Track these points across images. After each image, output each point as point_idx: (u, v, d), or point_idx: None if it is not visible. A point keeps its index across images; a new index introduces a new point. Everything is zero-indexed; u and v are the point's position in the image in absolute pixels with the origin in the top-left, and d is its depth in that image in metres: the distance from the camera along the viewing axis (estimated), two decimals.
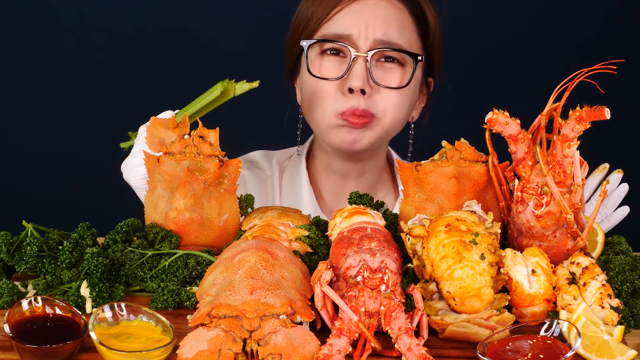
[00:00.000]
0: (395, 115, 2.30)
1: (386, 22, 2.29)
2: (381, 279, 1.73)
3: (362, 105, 2.26)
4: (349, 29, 2.28)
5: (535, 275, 1.80)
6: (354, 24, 2.28)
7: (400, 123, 2.34)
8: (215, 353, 1.60)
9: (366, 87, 2.25)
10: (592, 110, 1.82)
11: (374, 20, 2.28)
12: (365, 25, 2.27)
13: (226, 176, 2.00)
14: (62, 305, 1.74)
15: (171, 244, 1.96)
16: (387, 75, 2.29)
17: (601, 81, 1.88)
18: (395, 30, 2.29)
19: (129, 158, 2.13)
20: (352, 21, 2.28)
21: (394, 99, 2.28)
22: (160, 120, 2.02)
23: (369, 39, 2.27)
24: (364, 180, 2.45)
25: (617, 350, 1.67)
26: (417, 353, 1.62)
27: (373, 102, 2.27)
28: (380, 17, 2.29)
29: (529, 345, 1.66)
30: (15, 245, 1.95)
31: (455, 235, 1.78)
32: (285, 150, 2.57)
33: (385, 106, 2.28)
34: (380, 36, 2.27)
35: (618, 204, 2.16)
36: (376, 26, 2.27)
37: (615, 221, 2.16)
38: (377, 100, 2.27)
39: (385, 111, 2.28)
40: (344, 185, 2.45)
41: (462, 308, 1.74)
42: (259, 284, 1.69)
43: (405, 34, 2.31)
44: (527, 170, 1.90)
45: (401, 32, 2.30)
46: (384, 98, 2.27)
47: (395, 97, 2.28)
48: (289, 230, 1.96)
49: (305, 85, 2.34)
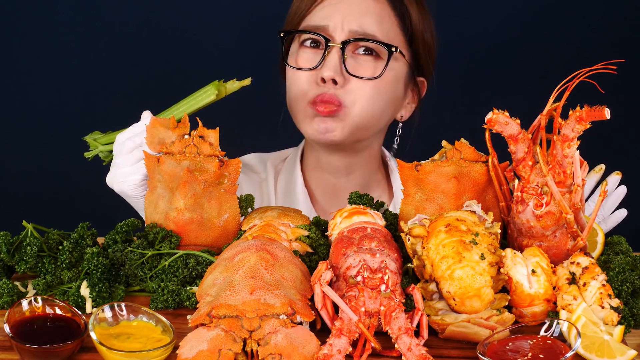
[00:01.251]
0: (366, 106, 2.28)
1: (362, 14, 2.30)
2: (381, 279, 1.73)
3: (330, 91, 2.26)
4: (325, 20, 2.30)
5: (535, 275, 1.80)
6: (330, 16, 2.30)
7: (373, 117, 2.32)
8: (215, 353, 1.60)
9: (338, 77, 2.26)
10: (592, 110, 1.82)
11: (350, 12, 2.29)
12: (342, 17, 2.29)
13: (226, 176, 2.00)
14: (62, 305, 1.74)
15: (171, 244, 1.96)
16: (361, 66, 2.29)
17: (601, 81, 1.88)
18: (371, 22, 2.29)
19: (114, 170, 2.10)
20: (329, 13, 2.30)
21: (365, 90, 2.28)
22: (160, 121, 2.02)
23: (344, 30, 2.28)
24: (354, 179, 2.44)
25: (617, 350, 1.67)
26: (417, 353, 1.62)
27: (344, 92, 2.27)
28: (357, 9, 2.30)
29: (529, 345, 1.66)
30: (15, 245, 1.95)
31: (455, 235, 1.78)
32: (279, 153, 2.57)
33: (355, 97, 2.28)
34: (355, 27, 2.28)
35: (616, 206, 2.16)
36: (352, 18, 2.29)
37: (612, 224, 2.16)
38: (348, 90, 2.27)
39: (354, 102, 2.27)
40: (334, 184, 2.44)
41: (462, 308, 1.74)
42: (259, 284, 1.69)
43: (384, 27, 2.31)
44: (527, 170, 1.90)
45: (378, 24, 2.30)
46: (355, 89, 2.27)
47: (367, 89, 2.27)
48: (289, 230, 1.96)
49: (287, 78, 2.36)
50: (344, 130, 2.29)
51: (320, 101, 2.27)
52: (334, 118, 2.28)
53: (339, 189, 2.44)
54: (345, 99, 2.27)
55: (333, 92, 2.27)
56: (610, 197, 2.15)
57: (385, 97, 2.31)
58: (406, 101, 2.41)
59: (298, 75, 2.31)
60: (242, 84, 2.15)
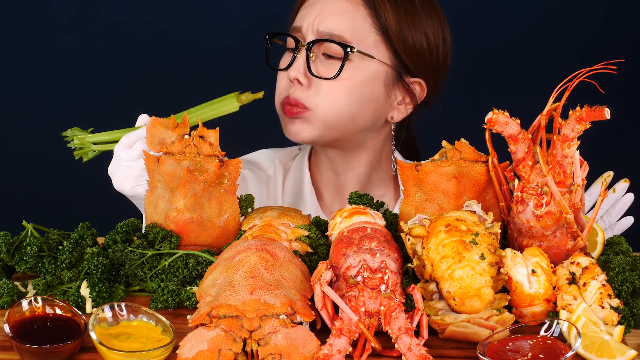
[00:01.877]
0: (331, 107, 2.30)
1: (332, 14, 2.31)
2: (381, 279, 1.73)
3: (294, 94, 2.30)
4: (300, 21, 2.34)
5: (535, 275, 1.80)
6: (304, 17, 2.33)
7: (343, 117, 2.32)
8: (215, 353, 1.60)
9: (301, 77, 2.29)
10: (592, 110, 1.82)
11: (321, 13, 2.31)
12: (313, 17, 2.31)
13: (226, 176, 2.00)
14: (62, 305, 1.74)
15: (171, 244, 1.96)
16: (326, 68, 2.31)
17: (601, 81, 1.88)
18: (340, 23, 2.30)
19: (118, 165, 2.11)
20: (305, 14, 2.34)
21: (329, 91, 2.29)
22: (160, 121, 2.02)
23: (313, 31, 2.31)
24: (356, 176, 2.44)
25: (617, 350, 1.67)
26: (417, 353, 1.62)
27: (309, 95, 2.30)
28: (327, 10, 2.32)
29: (529, 345, 1.65)
30: (15, 245, 1.95)
31: (455, 235, 1.78)
32: (290, 149, 2.58)
33: (320, 99, 2.30)
34: (322, 28, 2.30)
35: (622, 214, 2.16)
36: (321, 18, 2.31)
37: (618, 231, 2.17)
38: (314, 92, 2.30)
39: (319, 104, 2.30)
40: (337, 181, 2.46)
41: (462, 308, 1.74)
42: (259, 284, 1.69)
43: (355, 27, 2.31)
44: (527, 170, 1.90)
45: (349, 24, 2.30)
46: (321, 90, 2.30)
47: (332, 90, 2.29)
48: (289, 230, 1.96)
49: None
50: (313, 132, 2.32)
51: (287, 103, 2.32)
52: (301, 120, 2.32)
53: (342, 185, 2.45)
54: (310, 102, 2.30)
55: (298, 95, 2.30)
56: (618, 204, 2.15)
57: (355, 97, 2.31)
58: (395, 102, 2.38)
59: (279, 77, 2.37)
60: (255, 97, 2.19)
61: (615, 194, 2.14)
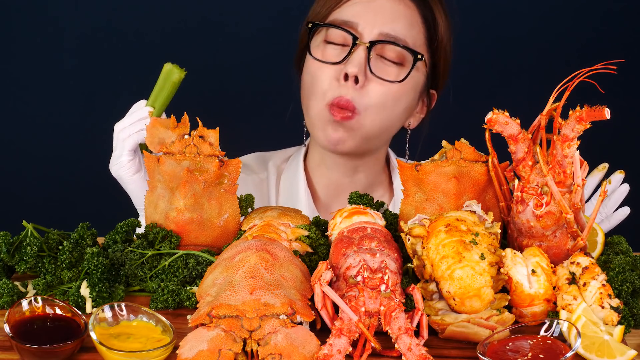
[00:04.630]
0: (378, 113, 2.25)
1: (394, 18, 2.26)
2: (381, 279, 1.73)
3: (349, 94, 2.23)
4: (356, 17, 2.26)
5: (535, 275, 1.80)
6: (361, 14, 2.26)
7: (383, 125, 2.29)
8: (215, 353, 1.60)
9: (361, 75, 2.22)
10: (592, 110, 1.82)
11: (382, 13, 2.26)
12: (373, 17, 2.25)
13: (226, 176, 2.00)
14: (62, 305, 1.74)
15: (171, 244, 1.96)
16: (384, 70, 2.25)
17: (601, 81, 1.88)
18: (402, 27, 2.26)
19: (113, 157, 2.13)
20: (360, 11, 2.26)
21: (382, 94, 2.24)
22: (160, 121, 2.02)
23: (373, 30, 2.25)
24: (358, 180, 2.43)
25: (617, 350, 1.67)
26: (417, 353, 1.62)
27: (360, 95, 2.23)
28: (389, 11, 2.26)
29: (529, 345, 1.65)
30: (15, 245, 1.95)
31: (455, 235, 1.78)
32: (283, 151, 2.55)
33: (370, 101, 2.24)
34: (386, 30, 2.25)
35: (618, 205, 2.16)
36: (384, 19, 2.25)
37: (615, 222, 2.16)
38: (365, 93, 2.24)
39: (367, 107, 2.24)
40: (338, 184, 2.43)
41: (462, 308, 1.74)
42: (259, 284, 1.69)
43: (413, 33, 2.28)
44: (527, 170, 1.90)
45: (408, 30, 2.27)
46: (373, 92, 2.23)
47: (385, 94, 2.24)
48: (289, 230, 1.96)
49: (306, 71, 2.32)
50: (354, 140, 2.27)
51: (337, 105, 2.24)
52: (346, 127, 2.25)
53: (343, 188, 2.43)
54: (360, 103, 2.23)
55: (350, 97, 2.23)
56: (613, 195, 2.15)
57: (400, 104, 2.29)
58: (416, 110, 2.39)
59: (321, 71, 2.27)
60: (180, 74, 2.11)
61: (610, 185, 2.14)
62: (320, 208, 2.45)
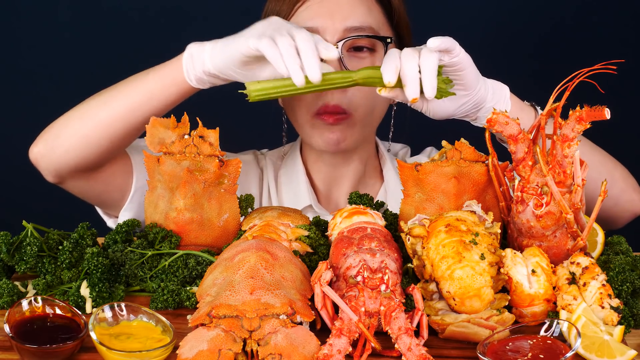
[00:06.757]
0: (369, 105, 2.26)
1: (351, 8, 2.24)
2: (381, 279, 1.73)
3: (334, 100, 2.23)
4: (313, 21, 2.22)
5: (535, 275, 1.80)
6: (318, 16, 2.23)
7: (374, 112, 2.30)
8: (215, 353, 1.60)
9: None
10: (592, 110, 1.82)
11: (338, 9, 2.23)
12: (331, 15, 2.22)
13: (226, 176, 2.00)
14: (62, 305, 1.74)
15: (171, 244, 1.96)
16: (361, 63, 2.24)
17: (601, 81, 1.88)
18: (361, 14, 2.24)
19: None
20: (316, 13, 2.23)
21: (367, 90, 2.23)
22: (160, 121, 2.02)
23: (337, 28, 2.22)
24: (354, 168, 2.43)
25: (617, 350, 1.67)
26: (417, 353, 1.62)
27: (346, 96, 2.24)
28: (344, 5, 2.24)
29: (529, 345, 1.65)
30: (15, 245, 1.95)
31: (455, 235, 1.78)
32: (277, 150, 2.56)
33: (359, 100, 2.24)
34: (348, 24, 2.22)
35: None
36: (342, 14, 2.22)
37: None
38: (350, 92, 2.24)
39: (357, 106, 2.24)
40: (334, 174, 2.44)
41: (462, 308, 1.74)
42: (259, 284, 1.69)
43: (373, 15, 2.26)
44: (527, 170, 1.90)
45: (368, 15, 2.25)
46: (357, 89, 2.22)
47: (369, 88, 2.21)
48: (289, 230, 1.96)
49: None
50: (354, 136, 2.28)
51: (324, 112, 2.24)
52: (341, 126, 2.26)
53: (341, 177, 2.44)
54: (348, 104, 2.24)
55: (336, 102, 2.23)
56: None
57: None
58: None
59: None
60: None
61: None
62: (321, 199, 2.45)
